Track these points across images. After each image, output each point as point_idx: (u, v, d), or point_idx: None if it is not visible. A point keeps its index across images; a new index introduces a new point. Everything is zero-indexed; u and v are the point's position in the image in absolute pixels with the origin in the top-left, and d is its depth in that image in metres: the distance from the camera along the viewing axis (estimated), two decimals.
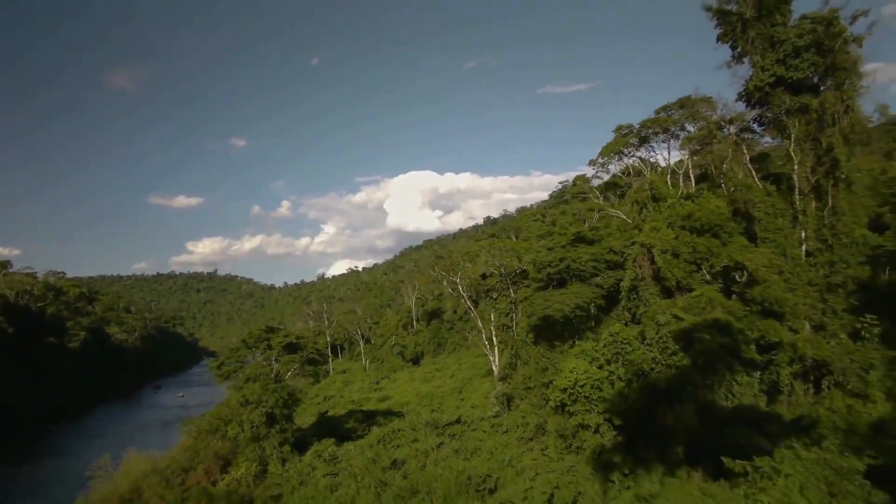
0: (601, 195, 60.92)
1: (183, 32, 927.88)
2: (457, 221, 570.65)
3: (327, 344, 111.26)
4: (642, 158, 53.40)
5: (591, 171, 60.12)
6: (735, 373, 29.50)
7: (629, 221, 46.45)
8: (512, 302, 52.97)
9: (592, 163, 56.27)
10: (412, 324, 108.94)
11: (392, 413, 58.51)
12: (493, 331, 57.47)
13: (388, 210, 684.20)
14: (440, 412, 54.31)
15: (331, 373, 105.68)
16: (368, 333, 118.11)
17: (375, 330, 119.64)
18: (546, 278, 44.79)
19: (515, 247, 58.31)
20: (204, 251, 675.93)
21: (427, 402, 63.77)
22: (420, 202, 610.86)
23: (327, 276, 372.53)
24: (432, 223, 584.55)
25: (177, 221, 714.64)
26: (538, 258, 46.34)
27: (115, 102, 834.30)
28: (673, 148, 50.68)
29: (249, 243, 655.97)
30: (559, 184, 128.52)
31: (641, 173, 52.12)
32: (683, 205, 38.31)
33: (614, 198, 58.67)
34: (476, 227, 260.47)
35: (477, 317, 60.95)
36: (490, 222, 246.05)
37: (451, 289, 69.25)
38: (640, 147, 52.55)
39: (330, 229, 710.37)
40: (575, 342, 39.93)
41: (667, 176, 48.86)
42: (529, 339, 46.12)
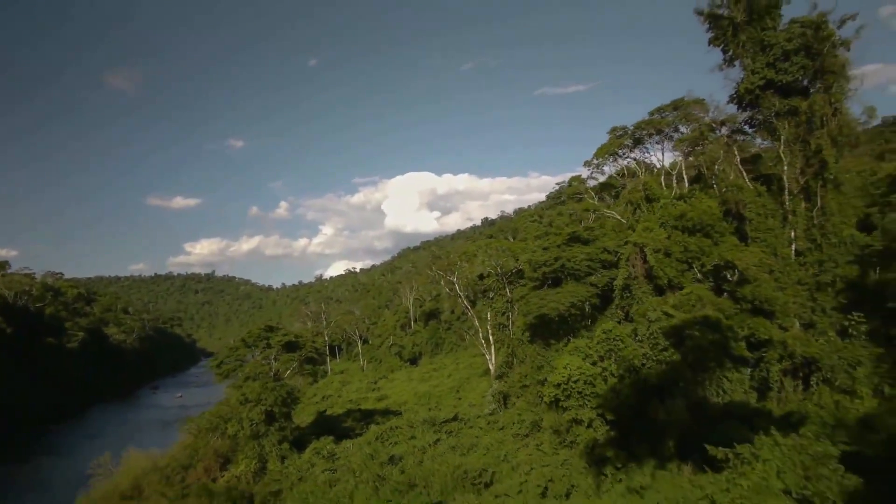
0: (596, 196, 61.44)
1: (182, 33, 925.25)
2: (455, 222, 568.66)
3: (325, 344, 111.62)
4: (637, 160, 53.97)
5: (587, 172, 60.91)
6: (725, 369, 30.00)
7: (623, 221, 47.01)
8: (508, 301, 53.42)
9: (587, 164, 56.95)
10: (410, 324, 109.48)
11: (390, 412, 59.12)
12: (490, 330, 57.96)
13: (386, 211, 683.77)
14: (437, 411, 54.89)
15: (329, 373, 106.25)
16: (366, 334, 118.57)
17: (373, 330, 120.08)
18: (542, 277, 45.37)
19: (512, 247, 58.79)
20: (202, 252, 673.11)
21: (424, 401, 64.31)
22: (418, 203, 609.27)
23: (325, 277, 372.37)
24: (430, 224, 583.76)
25: (175, 222, 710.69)
26: (534, 258, 46.89)
27: (114, 103, 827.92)
28: (667, 149, 51.24)
29: (247, 244, 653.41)
30: (556, 185, 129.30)
31: (636, 174, 52.70)
32: (676, 205, 38.86)
33: (609, 198, 59.21)
34: (474, 228, 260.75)
35: (474, 316, 61.38)
36: (488, 223, 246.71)
37: (449, 289, 69.70)
38: (635, 148, 53.02)
39: (328, 230, 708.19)
40: (570, 340, 40.49)
41: (661, 177, 49.50)
42: (525, 338, 46.60)
